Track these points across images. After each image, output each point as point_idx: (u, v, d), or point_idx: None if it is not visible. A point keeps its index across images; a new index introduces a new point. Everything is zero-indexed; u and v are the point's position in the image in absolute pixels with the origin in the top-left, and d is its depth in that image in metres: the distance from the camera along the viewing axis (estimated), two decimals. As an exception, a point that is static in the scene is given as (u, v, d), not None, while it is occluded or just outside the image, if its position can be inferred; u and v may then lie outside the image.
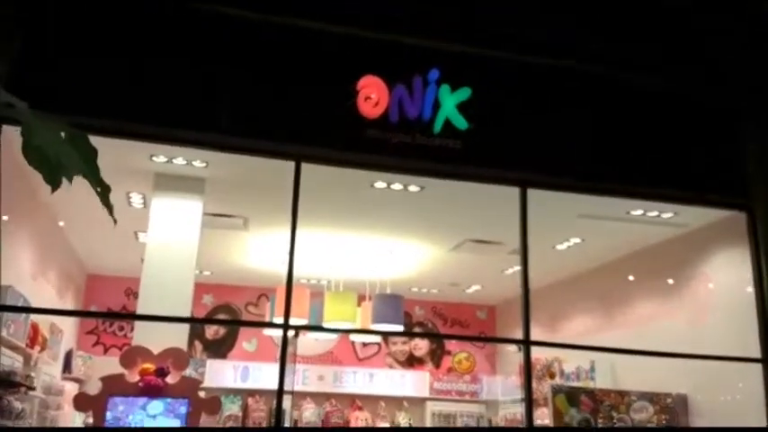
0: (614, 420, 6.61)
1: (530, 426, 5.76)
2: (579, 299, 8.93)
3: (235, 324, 11.13)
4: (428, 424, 11.01)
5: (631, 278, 7.95)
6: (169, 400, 5.28)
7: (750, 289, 6.07)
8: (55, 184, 1.65)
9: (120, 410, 5.18)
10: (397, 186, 6.01)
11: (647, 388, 6.82)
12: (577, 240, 7.53)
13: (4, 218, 5.65)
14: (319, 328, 7.81)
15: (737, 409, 6.20)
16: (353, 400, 11.05)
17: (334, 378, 11.07)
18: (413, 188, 6.04)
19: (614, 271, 8.19)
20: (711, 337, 6.35)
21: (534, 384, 7.68)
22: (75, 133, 1.69)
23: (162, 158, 5.57)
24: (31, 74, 4.69)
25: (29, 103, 1.70)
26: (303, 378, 10.70)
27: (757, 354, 5.89)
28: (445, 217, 7.07)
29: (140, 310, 5.82)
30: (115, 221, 1.81)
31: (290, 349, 5.58)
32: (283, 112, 5.22)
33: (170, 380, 5.34)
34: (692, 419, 6.75)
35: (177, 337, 5.69)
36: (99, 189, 1.69)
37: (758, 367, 5.89)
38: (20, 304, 5.45)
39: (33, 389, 5.95)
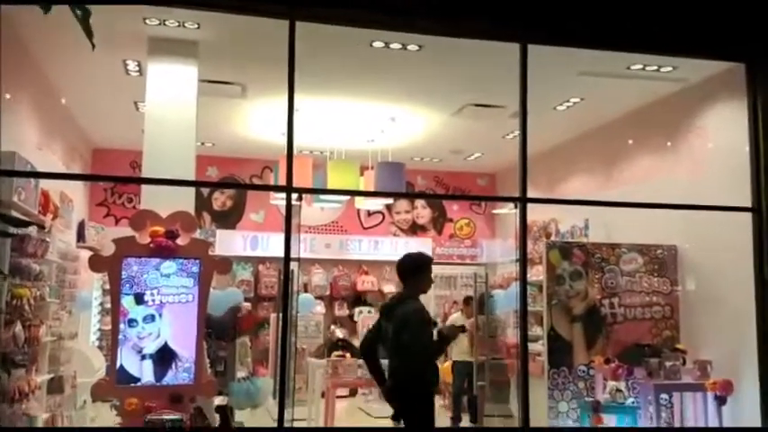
0: (604, 272, 6.92)
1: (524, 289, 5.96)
2: (578, 160, 9.03)
3: (239, 187, 11.33)
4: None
5: (630, 138, 8.00)
6: (182, 260, 5.53)
7: (747, 143, 6.14)
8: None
9: (135, 270, 5.43)
10: (395, 46, 5.93)
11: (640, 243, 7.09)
12: (577, 100, 7.50)
13: (6, 96, 5.69)
14: (322, 191, 7.98)
15: (727, 258, 6.44)
16: (360, 266, 11.52)
17: (341, 246, 11.48)
18: (412, 47, 5.97)
19: (613, 130, 8.22)
20: (707, 191, 6.46)
21: (531, 245, 7.97)
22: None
23: (154, 21, 5.49)
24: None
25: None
26: (311, 246, 11.10)
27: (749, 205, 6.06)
28: (446, 80, 7.02)
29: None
30: (93, 46, 1.86)
31: (294, 220, 5.75)
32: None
33: (180, 242, 5.55)
34: (681, 270, 7.05)
35: (184, 204, 5.84)
36: (79, 12, 1.72)
37: (749, 218, 6.08)
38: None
39: (44, 227, 6.16)
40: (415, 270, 4.50)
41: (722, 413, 6.21)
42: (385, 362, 4.68)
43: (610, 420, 6.34)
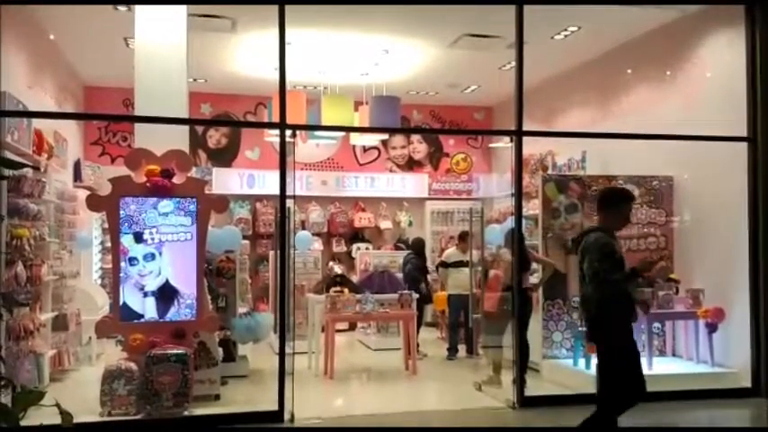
0: (601, 204, 6.95)
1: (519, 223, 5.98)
2: (575, 92, 8.93)
3: (231, 125, 11.24)
4: (427, 221, 11.60)
5: (627, 68, 7.89)
6: (179, 198, 5.55)
7: (744, 73, 6.08)
8: None
9: (133, 209, 5.47)
10: (389, -28, 5.76)
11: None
12: (575, 29, 7.34)
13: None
14: (316, 127, 7.91)
15: (722, 189, 6.48)
16: (356, 202, 11.55)
17: (337, 183, 11.48)
18: (406, -25, 5.80)
19: (610, 61, 8.10)
20: (703, 122, 6.42)
21: (528, 179, 7.98)
22: None
23: (140, -47, 5.32)
24: None
25: None
26: (307, 184, 11.11)
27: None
28: (441, 9, 6.83)
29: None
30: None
31: (289, 157, 5.72)
32: None
33: (176, 180, 5.56)
34: (677, 200, 7.10)
35: (178, 142, 5.83)
36: None
37: (745, 148, 6.08)
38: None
39: (39, 168, 6.17)
40: (607, 204, 4.28)
41: (713, 340, 6.37)
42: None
43: (603, 348, 6.49)
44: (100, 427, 5.03)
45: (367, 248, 11.07)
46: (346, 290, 7.70)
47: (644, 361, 6.31)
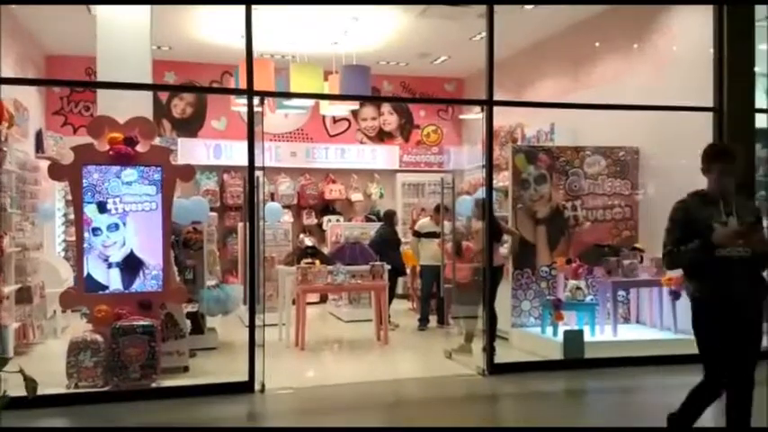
0: (569, 175, 7.02)
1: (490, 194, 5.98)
2: (545, 63, 8.93)
3: (196, 91, 11.00)
4: (398, 194, 11.59)
5: (597, 39, 7.90)
6: (143, 167, 5.44)
7: (710, 45, 6.13)
8: None
9: (96, 178, 5.35)
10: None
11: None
12: (545, -2, 7.35)
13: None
14: (285, 94, 7.78)
15: (687, 159, 6.53)
16: (327, 174, 11.47)
17: (307, 154, 11.36)
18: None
19: (581, 31, 8.11)
20: (671, 93, 6.49)
21: (498, 151, 7.99)
22: None
23: None
24: None
25: None
26: (276, 155, 10.97)
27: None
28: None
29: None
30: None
31: (257, 127, 5.62)
32: None
33: (140, 149, 5.45)
34: (642, 170, 7.19)
35: (142, 111, 5.71)
36: None
37: (710, 118, 6.15)
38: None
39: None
40: (703, 164, 3.62)
41: (676, 308, 6.52)
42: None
43: (570, 316, 6.61)
44: (68, 398, 4.96)
45: (338, 220, 11.03)
46: (317, 261, 7.67)
47: (608, 328, 6.52)
